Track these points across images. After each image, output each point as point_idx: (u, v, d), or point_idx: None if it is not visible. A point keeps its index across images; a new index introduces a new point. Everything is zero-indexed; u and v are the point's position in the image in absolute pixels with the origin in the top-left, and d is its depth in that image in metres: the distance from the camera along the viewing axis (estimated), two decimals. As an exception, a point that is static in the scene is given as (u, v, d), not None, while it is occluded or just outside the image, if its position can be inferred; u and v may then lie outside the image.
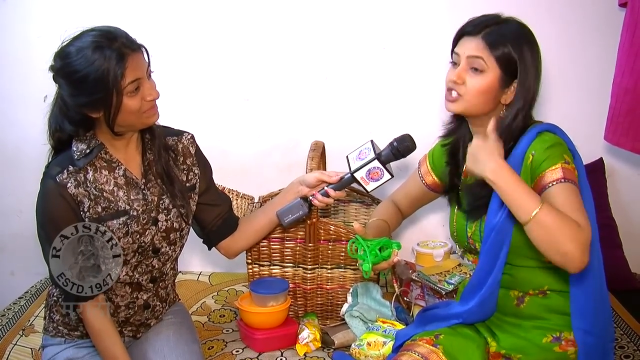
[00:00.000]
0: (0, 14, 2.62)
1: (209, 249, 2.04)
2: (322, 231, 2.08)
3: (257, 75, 2.66)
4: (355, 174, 1.80)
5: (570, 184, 1.55)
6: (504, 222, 1.59)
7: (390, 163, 1.80)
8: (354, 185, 1.85)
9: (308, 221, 2.04)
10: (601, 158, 2.59)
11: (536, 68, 1.66)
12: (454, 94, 1.67)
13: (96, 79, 1.56)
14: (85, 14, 2.59)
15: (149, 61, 1.66)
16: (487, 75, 1.63)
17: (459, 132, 1.82)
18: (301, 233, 2.09)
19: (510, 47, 1.62)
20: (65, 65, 1.60)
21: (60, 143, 1.71)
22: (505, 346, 1.71)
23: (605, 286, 1.68)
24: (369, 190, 1.81)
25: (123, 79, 1.58)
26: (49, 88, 2.75)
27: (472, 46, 1.64)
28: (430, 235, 2.60)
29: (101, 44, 1.57)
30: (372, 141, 1.83)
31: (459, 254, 1.88)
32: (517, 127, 1.66)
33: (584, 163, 2.52)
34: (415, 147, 1.80)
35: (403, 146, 1.78)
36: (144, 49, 1.65)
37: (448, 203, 1.90)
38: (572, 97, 2.63)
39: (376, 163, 1.77)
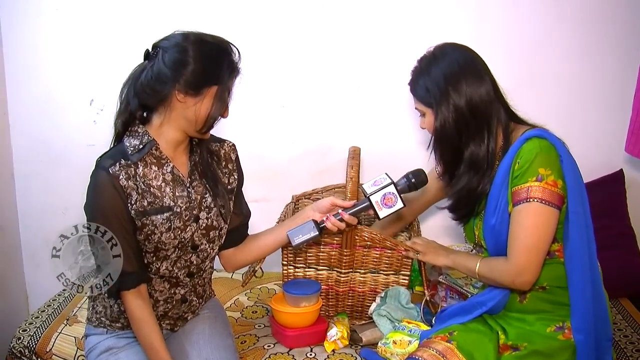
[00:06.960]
0: (51, 19, 2.69)
1: None
2: (357, 238, 2.10)
3: (293, 84, 2.72)
4: (371, 197, 1.88)
5: (533, 203, 1.68)
6: (500, 224, 1.76)
7: (402, 195, 1.90)
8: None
9: (346, 228, 2.01)
10: (621, 169, 2.62)
11: (448, 74, 1.77)
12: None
13: (217, 62, 1.69)
14: (132, 19, 2.66)
15: None
16: (427, 116, 1.84)
17: None
18: (337, 239, 2.11)
19: (421, 86, 1.81)
20: (188, 42, 1.69)
21: (124, 125, 1.75)
22: (512, 338, 1.79)
23: (600, 287, 1.76)
24: (381, 217, 1.89)
25: (231, 79, 1.73)
26: (95, 92, 2.85)
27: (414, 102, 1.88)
28: (456, 239, 2.65)
29: (227, 46, 1.74)
30: (386, 173, 1.92)
31: (469, 248, 2.01)
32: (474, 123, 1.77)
33: (604, 174, 2.59)
34: (427, 181, 1.93)
35: (418, 179, 1.91)
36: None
37: None
38: (594, 109, 2.65)
39: (392, 188, 1.88)
